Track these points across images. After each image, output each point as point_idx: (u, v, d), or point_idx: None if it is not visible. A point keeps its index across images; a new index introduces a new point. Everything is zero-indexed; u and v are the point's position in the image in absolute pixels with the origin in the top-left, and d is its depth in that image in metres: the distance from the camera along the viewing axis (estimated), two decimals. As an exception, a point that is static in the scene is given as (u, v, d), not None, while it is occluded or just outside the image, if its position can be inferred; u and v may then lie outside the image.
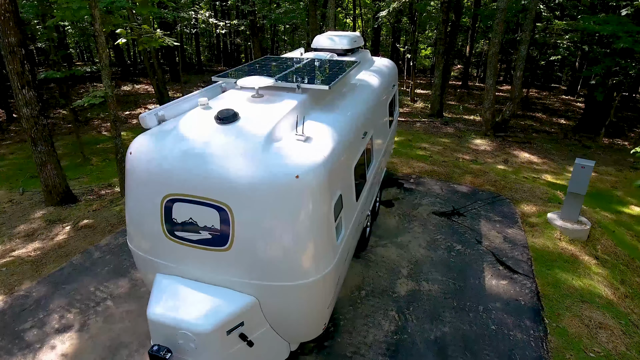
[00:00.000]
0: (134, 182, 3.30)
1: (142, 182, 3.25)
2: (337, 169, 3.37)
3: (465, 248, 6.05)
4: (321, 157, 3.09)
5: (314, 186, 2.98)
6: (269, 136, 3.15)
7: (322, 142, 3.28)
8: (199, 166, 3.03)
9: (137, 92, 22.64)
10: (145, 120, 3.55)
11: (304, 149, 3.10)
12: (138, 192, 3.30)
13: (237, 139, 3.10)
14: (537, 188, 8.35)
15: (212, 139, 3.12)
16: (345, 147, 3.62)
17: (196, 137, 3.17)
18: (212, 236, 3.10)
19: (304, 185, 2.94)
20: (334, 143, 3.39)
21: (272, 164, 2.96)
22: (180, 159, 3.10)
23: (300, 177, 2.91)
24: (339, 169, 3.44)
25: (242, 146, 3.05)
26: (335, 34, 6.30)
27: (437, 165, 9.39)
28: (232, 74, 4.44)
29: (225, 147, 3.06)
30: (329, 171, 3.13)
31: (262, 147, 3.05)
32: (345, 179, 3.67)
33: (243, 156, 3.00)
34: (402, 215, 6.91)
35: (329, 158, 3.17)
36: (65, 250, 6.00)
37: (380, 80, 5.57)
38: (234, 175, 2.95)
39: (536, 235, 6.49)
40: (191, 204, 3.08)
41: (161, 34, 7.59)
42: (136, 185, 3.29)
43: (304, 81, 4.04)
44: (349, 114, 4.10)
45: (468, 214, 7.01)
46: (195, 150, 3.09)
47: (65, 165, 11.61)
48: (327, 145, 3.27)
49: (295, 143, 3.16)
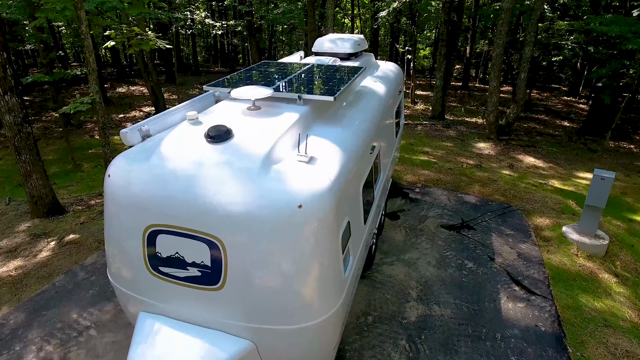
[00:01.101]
0: (113, 209, 2.89)
1: (121, 210, 2.83)
2: (345, 193, 2.97)
3: (477, 266, 5.65)
4: (327, 181, 2.68)
5: (320, 217, 2.58)
6: (267, 157, 2.74)
7: (327, 162, 2.88)
8: (186, 193, 2.62)
9: (133, 93, 22.21)
10: (126, 136, 3.14)
11: (307, 173, 2.69)
12: (117, 221, 2.88)
13: (230, 160, 2.70)
14: (549, 198, 7.96)
15: (201, 161, 2.71)
16: (352, 166, 3.21)
17: (183, 158, 2.76)
18: (201, 273, 2.69)
19: (308, 216, 2.53)
20: (341, 163, 2.98)
21: (270, 190, 2.55)
22: (165, 184, 2.69)
23: (303, 206, 2.50)
24: (347, 193, 3.04)
25: (236, 169, 2.65)
26: (338, 36, 5.89)
27: (443, 174, 8.99)
28: (226, 81, 4.03)
29: (216, 170, 2.66)
30: (336, 198, 2.72)
31: (259, 170, 2.64)
32: (353, 203, 3.26)
33: (237, 181, 2.60)
34: (409, 228, 6.51)
35: (335, 182, 2.76)
36: (48, 270, 5.57)
37: (386, 88, 5.17)
38: (226, 204, 2.54)
39: (552, 250, 6.10)
40: (177, 236, 2.67)
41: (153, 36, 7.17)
42: (115, 213, 2.88)
43: (305, 91, 3.63)
44: (356, 128, 3.69)
45: (478, 227, 6.61)
46: (182, 174, 2.68)
47: (55, 172, 11.19)
48: (333, 167, 2.86)
49: (297, 165, 2.76)
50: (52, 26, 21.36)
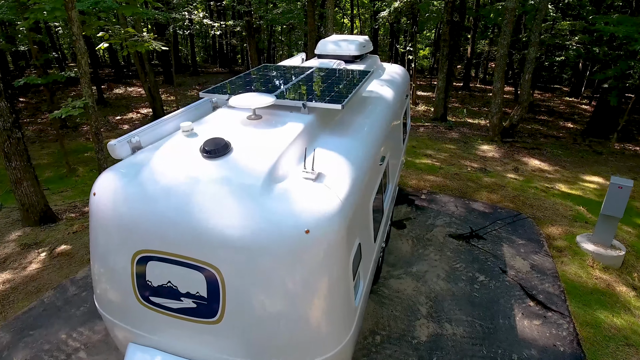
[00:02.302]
0: (99, 231, 2.61)
1: (108, 233, 2.55)
2: (356, 213, 2.69)
3: (489, 279, 5.37)
4: (336, 202, 2.40)
5: (329, 243, 2.30)
6: (270, 174, 2.46)
7: (336, 179, 2.59)
8: (179, 215, 2.34)
9: (130, 95, 21.92)
10: (115, 149, 2.86)
11: (314, 192, 2.41)
12: (103, 244, 2.60)
13: (228, 178, 2.42)
14: (560, 204, 7.69)
15: (196, 179, 2.43)
16: (363, 181, 2.93)
17: (176, 175, 2.48)
18: (197, 305, 2.40)
19: (316, 243, 2.25)
20: (351, 179, 2.70)
21: (274, 213, 2.27)
22: (155, 205, 2.41)
23: (311, 231, 2.23)
24: (358, 212, 2.76)
25: (235, 188, 2.37)
26: (342, 38, 5.61)
27: (450, 179, 8.71)
28: (224, 87, 3.74)
29: (213, 190, 2.38)
30: (346, 220, 2.45)
31: (261, 189, 2.36)
32: (363, 222, 2.98)
33: (237, 202, 2.32)
34: (416, 238, 6.23)
35: (346, 202, 2.48)
36: (37, 285, 5.28)
37: (394, 92, 4.89)
38: (224, 229, 2.26)
39: (566, 262, 5.82)
40: (169, 263, 2.39)
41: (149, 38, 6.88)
42: (101, 236, 2.60)
43: (310, 98, 3.35)
44: (365, 137, 3.41)
45: (488, 237, 6.34)
46: (175, 194, 2.40)
47: (49, 176, 10.90)
48: (342, 184, 2.58)
49: (303, 183, 2.48)
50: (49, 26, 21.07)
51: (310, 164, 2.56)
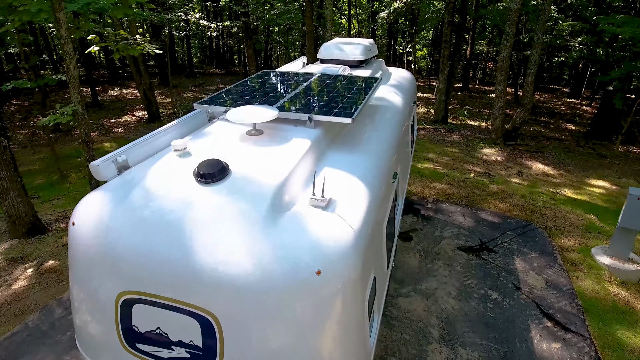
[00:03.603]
0: (79, 267, 2.29)
1: (88, 269, 2.23)
2: (371, 243, 2.38)
3: (502, 297, 5.07)
4: (350, 234, 2.09)
5: (344, 284, 1.99)
6: (274, 203, 2.15)
7: (349, 206, 2.28)
8: (170, 251, 2.03)
9: (125, 97, 21.54)
10: (98, 170, 2.54)
11: (325, 223, 2.10)
12: (84, 283, 2.28)
13: (226, 208, 2.10)
14: (570, 213, 7.41)
15: (189, 208, 2.12)
16: (377, 205, 2.62)
17: (166, 204, 2.16)
18: (190, 355, 2.09)
19: (329, 285, 1.94)
20: (365, 205, 2.39)
21: (280, 251, 1.96)
22: (143, 238, 2.09)
23: (323, 272, 1.92)
24: (373, 241, 2.45)
25: (233, 220, 2.05)
26: (346, 41, 5.30)
27: (455, 186, 8.42)
28: (220, 97, 3.42)
29: (208, 221, 2.06)
30: (362, 254, 2.14)
31: (263, 221, 2.05)
32: (378, 251, 2.67)
33: (236, 237, 2.00)
34: (424, 252, 5.93)
35: (360, 233, 2.17)
36: (21, 306, 4.95)
37: (403, 100, 4.58)
38: (222, 269, 1.95)
39: (582, 277, 5.53)
40: (158, 307, 2.07)
41: (142, 40, 6.54)
42: (81, 273, 2.28)
43: (316, 109, 3.04)
44: (376, 153, 3.09)
45: (499, 249, 6.04)
46: (164, 226, 2.09)
47: (39, 183, 10.55)
48: (356, 212, 2.27)
49: (312, 212, 2.16)
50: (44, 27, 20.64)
51: (320, 189, 2.24)
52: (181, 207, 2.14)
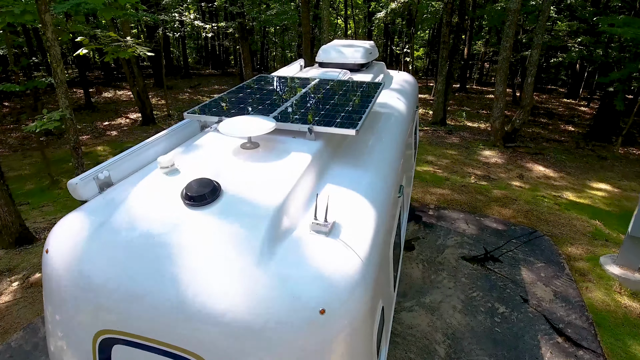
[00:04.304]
0: (53, 301, 2.05)
1: (64, 304, 1.99)
2: (379, 270, 2.15)
3: (510, 310, 4.86)
4: (357, 264, 1.86)
5: (350, 322, 1.76)
6: (272, 229, 1.92)
7: (355, 230, 2.05)
8: (154, 286, 1.79)
9: (120, 98, 21.23)
10: (77, 189, 2.30)
11: (329, 252, 1.87)
12: (59, 319, 2.04)
13: (217, 235, 1.87)
14: (576, 219, 7.21)
15: (175, 236, 1.88)
16: (384, 224, 2.39)
17: (150, 231, 1.93)
18: (177, 402, 1.85)
19: (334, 325, 1.71)
20: (373, 227, 2.16)
21: (278, 285, 1.72)
22: (124, 270, 1.85)
23: (328, 311, 1.69)
24: (381, 268, 2.22)
25: (226, 249, 1.82)
26: (346, 43, 5.07)
27: (457, 192, 8.21)
28: (212, 106, 3.18)
29: (197, 251, 1.83)
30: (370, 286, 1.91)
31: (260, 251, 1.82)
32: (385, 276, 2.44)
33: (229, 268, 1.77)
34: (427, 262, 5.71)
35: (368, 262, 1.94)
36: (5, 324, 4.69)
37: (406, 105, 4.35)
38: (212, 306, 1.72)
39: (591, 288, 5.33)
40: (141, 349, 1.83)
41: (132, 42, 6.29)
42: (56, 307, 2.04)
43: (317, 119, 2.81)
44: (382, 166, 2.86)
45: (504, 259, 5.83)
46: (148, 256, 1.85)
47: (30, 189, 10.27)
48: (363, 236, 2.04)
49: (313, 238, 1.93)
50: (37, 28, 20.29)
51: (323, 213, 2.01)
52: (167, 234, 1.90)
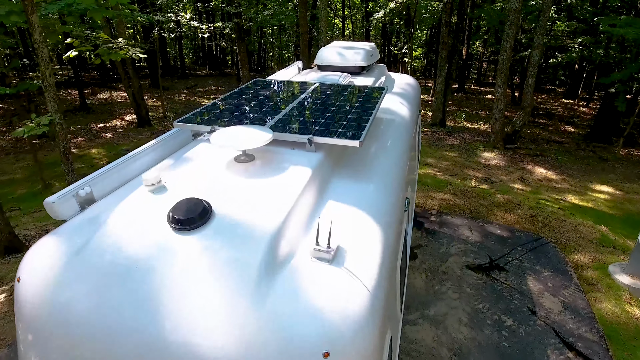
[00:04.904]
0: (25, 337, 1.84)
1: (36, 340, 1.78)
2: (388, 299, 1.95)
3: (518, 323, 4.67)
4: (365, 297, 1.66)
5: (358, 364, 1.56)
6: (269, 257, 1.71)
7: (361, 255, 1.85)
8: (135, 324, 1.59)
9: (115, 100, 20.99)
10: (54, 208, 2.08)
11: (333, 283, 1.67)
12: (33, 355, 1.83)
13: (207, 265, 1.66)
14: (581, 225, 7.04)
15: (160, 265, 1.68)
16: (392, 245, 2.19)
17: (132, 259, 1.72)
18: None
19: (340, 369, 1.51)
20: (380, 250, 1.95)
21: (275, 324, 1.52)
22: (102, 304, 1.65)
23: (332, 354, 1.48)
24: (389, 294, 2.02)
25: (218, 280, 1.62)
26: (346, 45, 4.87)
27: (459, 197, 8.02)
28: (204, 115, 2.98)
29: (184, 283, 1.62)
30: (379, 320, 1.71)
31: (256, 282, 1.61)
32: (393, 301, 2.24)
33: (220, 303, 1.57)
34: (430, 271, 5.52)
35: (376, 292, 1.74)
36: (-11, 340, 4.48)
37: (410, 111, 4.15)
38: (199, 348, 1.51)
39: (600, 298, 5.15)
40: (122, 395, 1.62)
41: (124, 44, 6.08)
42: (28, 344, 1.83)
43: (317, 129, 2.61)
44: (387, 179, 2.66)
45: (510, 267, 5.65)
46: (129, 289, 1.64)
47: (21, 194, 10.04)
48: (370, 262, 1.84)
49: (315, 267, 1.73)
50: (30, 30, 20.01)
51: (326, 237, 1.81)
52: (151, 264, 1.70)
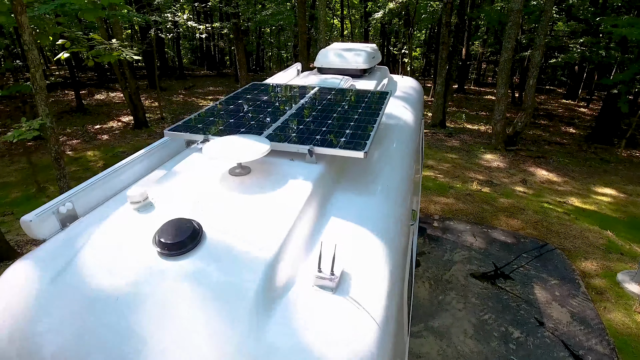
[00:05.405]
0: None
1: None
2: (397, 334, 1.77)
3: (525, 335, 4.51)
4: (373, 331, 1.49)
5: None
6: (266, 285, 1.54)
7: (367, 282, 1.67)
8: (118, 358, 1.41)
9: (112, 101, 20.79)
10: (31, 227, 1.90)
11: (338, 315, 1.49)
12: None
13: (197, 295, 1.49)
14: (587, 231, 6.88)
15: (146, 295, 1.50)
16: (400, 268, 2.01)
17: (113, 289, 1.54)
18: None
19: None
20: (388, 274, 1.78)
21: None
22: (81, 340, 1.47)
23: (337, 400, 1.31)
24: (398, 323, 1.84)
25: (209, 313, 1.44)
26: (346, 47, 4.69)
27: (462, 201, 7.86)
28: (198, 122, 2.80)
29: (172, 315, 1.45)
30: (388, 356, 1.53)
31: (251, 317, 1.44)
32: (402, 328, 2.07)
33: (211, 341, 1.39)
34: (434, 280, 5.35)
35: (385, 326, 1.56)
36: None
37: (414, 116, 3.98)
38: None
39: (609, 308, 4.99)
40: None
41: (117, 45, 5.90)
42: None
43: (318, 139, 2.43)
44: (392, 191, 2.48)
45: (515, 276, 5.48)
46: (109, 323, 1.47)
47: (15, 197, 9.84)
48: (377, 290, 1.66)
49: (317, 297, 1.56)
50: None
51: (329, 263, 1.63)
52: (134, 294, 1.52)
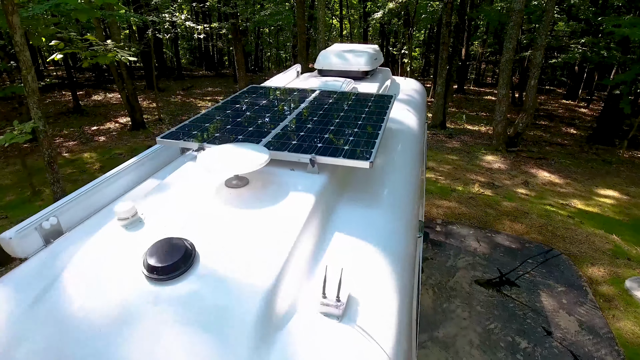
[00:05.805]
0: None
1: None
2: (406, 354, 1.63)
3: (533, 345, 4.37)
4: (383, 363, 1.35)
5: None
6: (266, 312, 1.39)
7: (375, 308, 1.53)
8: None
9: (110, 102, 20.62)
10: (11, 245, 1.75)
11: (344, 347, 1.35)
12: None
13: (190, 324, 1.34)
14: (593, 235, 6.75)
15: (133, 325, 1.36)
16: (408, 287, 1.87)
17: (98, 318, 1.40)
18: None
19: None
20: (397, 297, 1.64)
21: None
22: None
23: None
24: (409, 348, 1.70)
25: (201, 347, 1.30)
26: (347, 48, 4.55)
27: (465, 205, 7.72)
28: (193, 128, 2.65)
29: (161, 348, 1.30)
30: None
31: (251, 347, 1.30)
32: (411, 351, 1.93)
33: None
34: (437, 287, 5.21)
35: (396, 355, 1.42)
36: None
37: (418, 120, 3.83)
38: None
39: (618, 316, 4.86)
40: None
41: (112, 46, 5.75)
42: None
43: (320, 147, 2.29)
44: (399, 202, 2.34)
45: (521, 282, 5.35)
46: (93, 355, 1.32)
47: (10, 200, 9.68)
48: (387, 320, 1.52)
49: (322, 325, 1.41)
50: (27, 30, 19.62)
51: (335, 288, 1.49)
52: (119, 322, 1.38)
